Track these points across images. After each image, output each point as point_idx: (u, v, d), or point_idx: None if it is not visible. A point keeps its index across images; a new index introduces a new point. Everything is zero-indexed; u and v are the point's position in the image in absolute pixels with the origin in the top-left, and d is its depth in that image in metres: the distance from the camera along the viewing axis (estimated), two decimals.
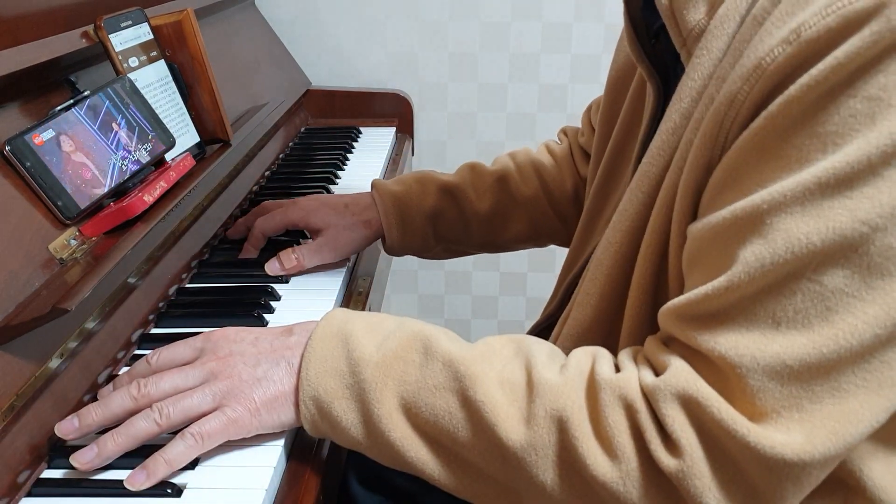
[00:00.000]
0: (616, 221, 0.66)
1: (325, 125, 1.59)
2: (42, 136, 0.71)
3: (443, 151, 1.76)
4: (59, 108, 0.76)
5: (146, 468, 0.58)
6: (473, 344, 0.62)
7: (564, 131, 1.07)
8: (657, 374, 0.55)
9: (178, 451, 0.59)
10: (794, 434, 0.49)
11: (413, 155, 1.65)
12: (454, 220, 0.98)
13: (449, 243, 1.00)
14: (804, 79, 0.48)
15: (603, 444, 0.54)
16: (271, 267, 0.91)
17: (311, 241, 0.95)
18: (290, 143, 1.44)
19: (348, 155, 1.41)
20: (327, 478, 0.66)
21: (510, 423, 0.55)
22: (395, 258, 1.02)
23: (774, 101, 0.50)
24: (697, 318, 0.53)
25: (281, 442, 0.64)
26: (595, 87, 1.71)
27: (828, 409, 0.49)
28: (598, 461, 0.53)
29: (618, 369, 0.58)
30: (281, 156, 1.37)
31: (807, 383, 0.49)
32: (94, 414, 0.61)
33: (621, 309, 0.66)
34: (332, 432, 0.61)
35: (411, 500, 0.99)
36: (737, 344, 0.51)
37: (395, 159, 1.46)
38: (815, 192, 0.48)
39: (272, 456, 0.62)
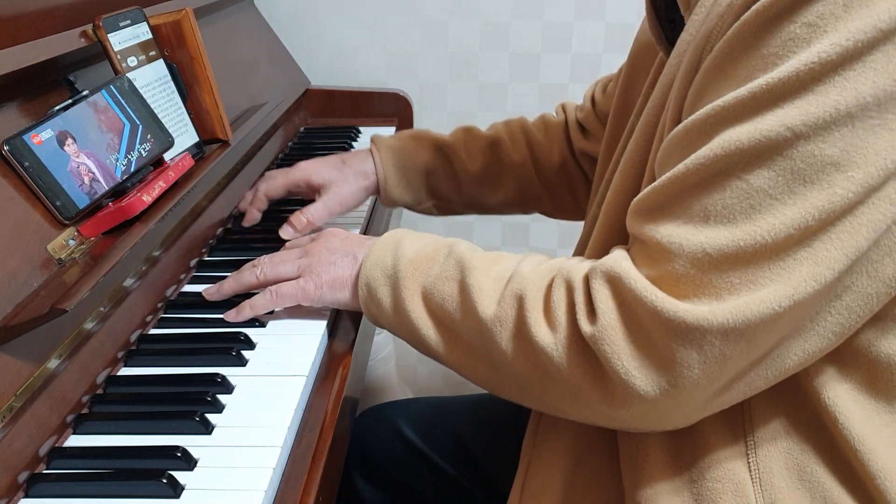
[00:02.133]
0: (621, 169, 0.70)
1: (325, 125, 1.59)
2: (41, 136, 0.71)
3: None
4: (57, 107, 0.76)
5: (237, 308, 0.80)
6: (493, 253, 0.71)
7: (564, 106, 1.11)
8: None
9: (259, 301, 0.79)
10: (700, 306, 0.54)
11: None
12: (446, 176, 1.05)
13: (439, 199, 1.07)
14: (756, 5, 0.53)
15: (547, 317, 0.62)
16: (286, 232, 0.98)
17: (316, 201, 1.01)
18: (290, 143, 1.44)
19: None
20: (327, 479, 0.66)
21: (486, 302, 0.65)
22: None
23: (732, 26, 0.55)
24: (646, 210, 0.59)
25: (281, 442, 0.64)
26: None
27: (742, 298, 0.53)
28: (540, 331, 0.62)
29: None
30: (280, 155, 1.36)
31: (724, 273, 0.54)
32: (228, 284, 0.82)
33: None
34: (377, 311, 0.73)
35: (414, 496, 0.99)
36: (670, 233, 0.56)
37: None
38: (749, 104, 0.53)
39: (272, 456, 0.62)
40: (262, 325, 0.82)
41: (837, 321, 0.56)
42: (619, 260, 0.59)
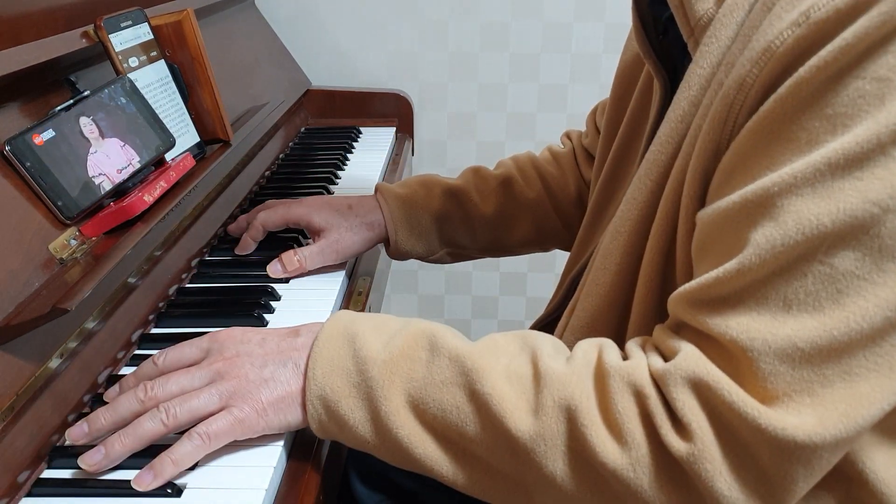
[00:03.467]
0: (624, 210, 0.66)
1: (325, 125, 1.59)
2: (42, 136, 0.71)
3: (443, 151, 1.76)
4: (59, 108, 0.76)
5: (153, 468, 0.58)
6: (479, 340, 0.62)
7: (568, 135, 1.07)
8: (666, 359, 0.55)
9: (185, 451, 0.59)
10: (805, 417, 0.49)
11: (413, 155, 1.65)
12: (459, 223, 0.98)
13: (454, 247, 1.00)
14: (813, 60, 0.48)
15: (612, 431, 0.53)
16: (273, 269, 0.91)
17: (313, 242, 0.94)
18: (290, 143, 1.44)
19: (348, 155, 1.41)
20: (327, 478, 0.66)
21: (518, 414, 0.55)
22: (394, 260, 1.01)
23: (784, 83, 0.50)
24: (709, 302, 0.53)
25: (281, 442, 0.64)
26: (595, 87, 1.71)
27: (839, 392, 0.49)
28: (607, 448, 0.53)
29: (625, 358, 0.58)
30: (281, 156, 1.36)
31: (818, 367, 0.49)
32: (102, 419, 0.61)
33: (630, 298, 0.66)
34: (339, 432, 0.61)
35: (413, 499, 0.99)
36: (748, 327, 0.50)
37: (395, 159, 1.46)
38: (825, 173, 0.48)
39: (272, 456, 0.62)
40: (264, 323, 0.82)
41: None
42: (700, 362, 0.52)
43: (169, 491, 0.58)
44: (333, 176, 1.28)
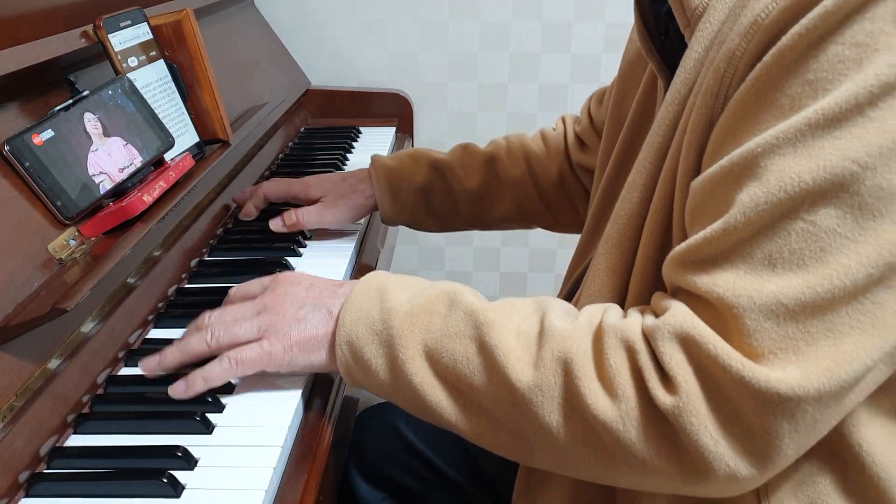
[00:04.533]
0: (625, 195, 0.67)
1: (325, 125, 1.59)
2: (41, 136, 0.71)
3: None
4: (58, 107, 0.76)
5: (187, 380, 0.67)
6: (497, 301, 0.64)
7: (563, 119, 1.10)
8: (658, 318, 0.56)
9: (214, 370, 0.66)
10: (788, 371, 0.50)
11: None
12: (442, 195, 1.04)
13: (437, 218, 1.06)
14: (795, 28, 0.50)
15: (604, 384, 0.55)
16: (275, 224, 1.00)
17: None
18: (290, 143, 1.44)
19: (348, 155, 1.41)
20: (327, 478, 0.66)
21: (520, 366, 0.57)
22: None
23: (769, 52, 0.52)
24: (697, 262, 0.54)
25: (281, 442, 0.64)
26: (595, 87, 1.68)
27: (823, 349, 0.50)
28: (598, 401, 0.55)
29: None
30: (280, 156, 1.36)
31: (802, 323, 0.50)
32: (173, 350, 0.69)
33: (628, 281, 0.67)
34: (363, 377, 0.64)
35: (413, 497, 0.99)
36: (734, 285, 0.52)
37: None
38: (805, 133, 0.49)
39: (272, 456, 0.62)
40: None
41: None
42: (688, 318, 0.53)
43: (169, 490, 0.58)
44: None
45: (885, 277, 0.49)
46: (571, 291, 0.86)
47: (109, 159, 0.78)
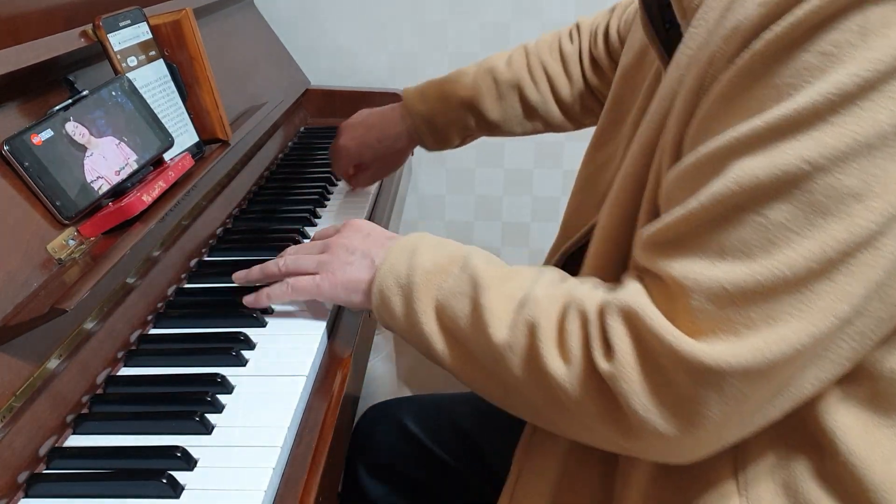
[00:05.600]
0: (620, 184, 0.69)
1: (325, 125, 1.59)
2: (41, 136, 0.71)
3: (442, 151, 1.75)
4: (57, 107, 0.76)
5: (254, 294, 0.82)
6: (508, 267, 0.70)
7: (578, 28, 1.16)
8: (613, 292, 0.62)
9: (276, 290, 0.80)
10: (718, 346, 0.53)
11: (412, 154, 1.64)
12: (477, 127, 1.17)
13: (473, 137, 1.21)
14: (767, 34, 0.52)
15: (560, 348, 0.62)
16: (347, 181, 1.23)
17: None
18: (290, 143, 1.44)
19: None
20: (327, 479, 0.66)
21: (497, 325, 0.65)
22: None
23: (740, 55, 0.54)
24: (658, 245, 0.58)
25: (281, 442, 0.64)
26: None
27: (759, 332, 0.53)
28: (555, 363, 0.61)
29: None
30: (280, 155, 1.36)
31: (742, 308, 0.53)
32: (256, 269, 0.84)
33: (623, 267, 0.69)
34: (389, 320, 0.73)
35: (418, 489, 0.99)
36: (685, 267, 0.55)
37: None
38: (765, 135, 0.52)
39: (272, 456, 0.62)
40: (263, 324, 0.82)
41: (851, 347, 0.55)
42: (634, 294, 0.58)
43: (169, 491, 0.58)
44: (333, 176, 1.28)
45: (826, 271, 0.51)
46: (560, 264, 0.87)
47: (104, 162, 0.78)
